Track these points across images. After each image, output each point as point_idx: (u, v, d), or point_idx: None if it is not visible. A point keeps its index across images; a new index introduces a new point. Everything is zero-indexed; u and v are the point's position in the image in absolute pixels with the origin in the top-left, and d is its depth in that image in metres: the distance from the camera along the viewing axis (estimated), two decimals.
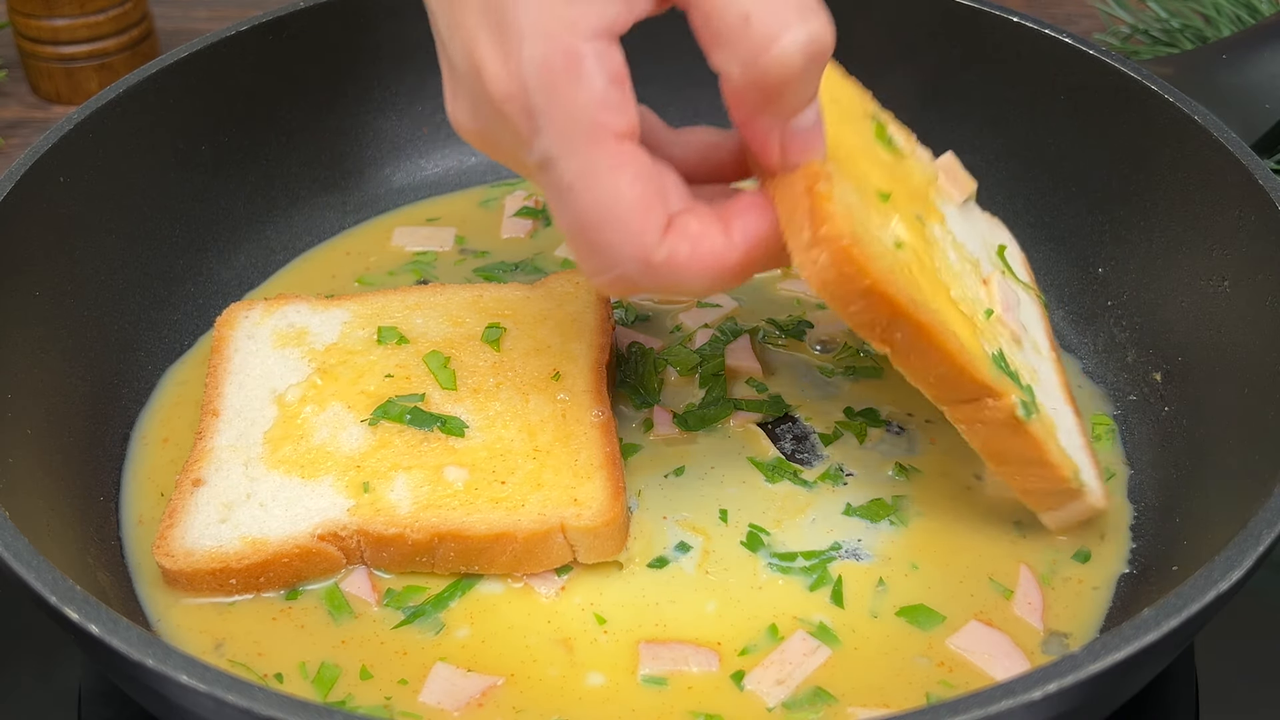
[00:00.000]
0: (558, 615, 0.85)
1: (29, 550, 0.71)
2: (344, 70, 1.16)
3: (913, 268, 0.81)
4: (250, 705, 0.63)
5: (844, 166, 0.82)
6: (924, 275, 0.82)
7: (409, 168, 1.21)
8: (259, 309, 1.02)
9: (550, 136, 0.69)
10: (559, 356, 0.97)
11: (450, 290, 1.02)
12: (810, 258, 0.75)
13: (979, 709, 0.62)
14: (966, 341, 0.81)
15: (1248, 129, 1.03)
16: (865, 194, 0.82)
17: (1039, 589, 0.87)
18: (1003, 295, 0.91)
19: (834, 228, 0.74)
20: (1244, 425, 0.87)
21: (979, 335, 0.84)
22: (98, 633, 0.67)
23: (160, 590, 0.87)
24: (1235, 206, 0.92)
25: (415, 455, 0.90)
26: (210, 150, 1.09)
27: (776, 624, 0.85)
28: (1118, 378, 1.02)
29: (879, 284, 0.75)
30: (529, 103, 0.69)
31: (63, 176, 0.96)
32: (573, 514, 0.86)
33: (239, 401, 0.95)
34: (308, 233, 1.15)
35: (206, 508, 0.88)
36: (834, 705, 0.80)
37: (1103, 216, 1.06)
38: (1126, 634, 0.66)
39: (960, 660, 0.83)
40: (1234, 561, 0.69)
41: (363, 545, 0.87)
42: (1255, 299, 0.89)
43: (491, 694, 0.81)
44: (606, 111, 0.69)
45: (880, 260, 0.76)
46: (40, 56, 1.37)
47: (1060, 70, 1.06)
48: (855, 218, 0.77)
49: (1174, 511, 0.90)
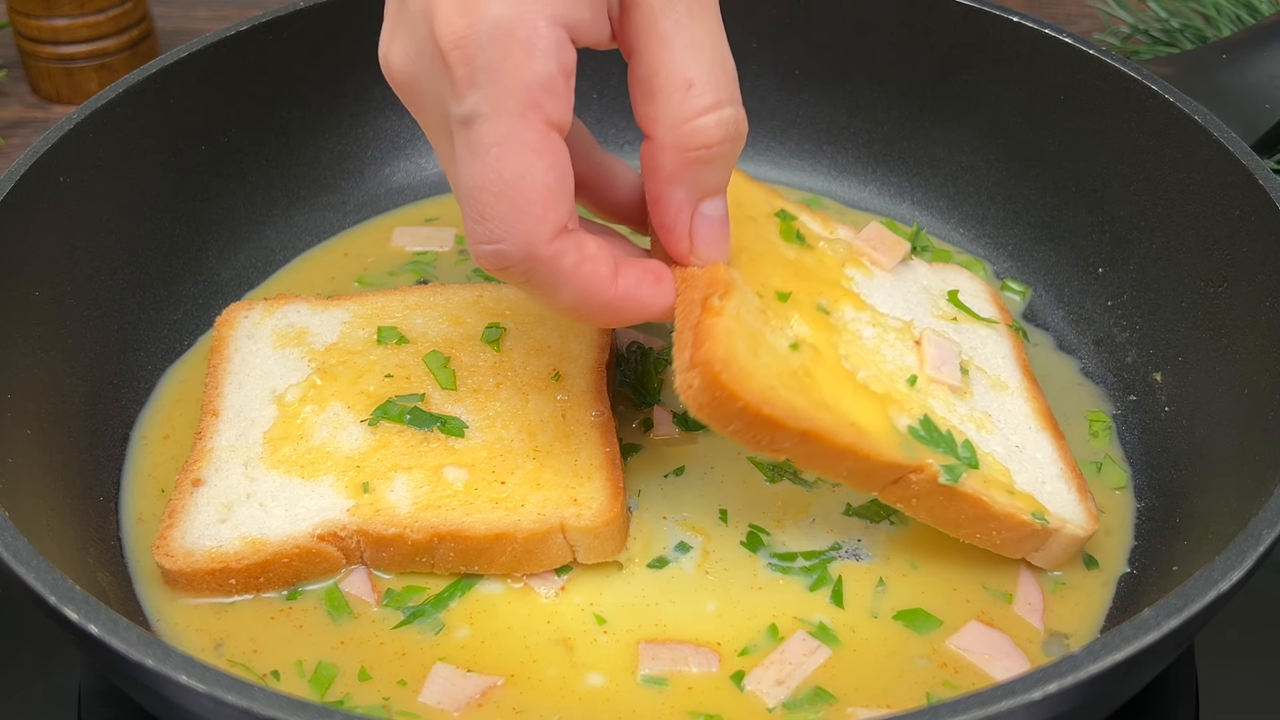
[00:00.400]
0: (557, 615, 0.85)
1: (29, 550, 0.71)
2: (344, 70, 1.16)
3: (809, 367, 0.83)
4: (249, 705, 0.63)
5: (745, 271, 0.85)
6: (823, 370, 0.84)
7: (409, 168, 1.21)
8: (259, 309, 1.02)
9: (484, 94, 0.70)
10: (559, 357, 0.97)
11: (450, 290, 1.02)
12: (687, 380, 0.78)
13: (979, 709, 0.62)
14: (870, 429, 0.82)
15: (1248, 129, 1.03)
16: (765, 297, 0.85)
17: (1039, 590, 0.86)
18: (936, 351, 0.92)
19: (710, 350, 0.77)
20: (1244, 425, 0.87)
21: (893, 411, 0.85)
22: (97, 633, 0.67)
23: (160, 590, 0.87)
24: (1235, 206, 0.92)
25: (415, 455, 0.90)
26: (210, 150, 1.09)
27: (776, 624, 0.85)
28: (1118, 378, 1.02)
29: (752, 405, 0.77)
30: (474, 55, 0.69)
31: (62, 176, 0.96)
32: (572, 514, 0.86)
33: (239, 401, 0.95)
34: (308, 233, 1.15)
35: (206, 508, 0.88)
36: (834, 705, 0.80)
37: (1103, 216, 1.06)
38: (1127, 634, 0.66)
39: (960, 660, 0.83)
40: (1234, 562, 0.69)
41: (362, 545, 0.87)
42: (1255, 299, 0.89)
43: (491, 694, 0.81)
44: (547, 95, 0.70)
45: (756, 380, 0.77)
46: (40, 56, 1.37)
47: (1060, 70, 1.06)
48: (744, 330, 0.80)
49: (1174, 511, 0.90)
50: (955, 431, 0.87)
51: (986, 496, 0.84)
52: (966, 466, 0.84)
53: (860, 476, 0.83)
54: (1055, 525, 0.85)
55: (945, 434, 0.85)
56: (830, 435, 0.80)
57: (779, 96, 1.21)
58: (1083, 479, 0.90)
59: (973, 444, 0.86)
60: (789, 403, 0.79)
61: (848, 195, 1.19)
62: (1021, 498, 0.85)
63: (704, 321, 0.79)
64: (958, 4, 1.11)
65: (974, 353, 0.96)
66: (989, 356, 0.97)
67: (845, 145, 1.20)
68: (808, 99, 1.20)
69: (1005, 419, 0.92)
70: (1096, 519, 0.87)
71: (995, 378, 0.95)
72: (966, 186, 1.15)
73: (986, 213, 1.14)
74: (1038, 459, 0.90)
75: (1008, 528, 0.85)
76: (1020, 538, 0.86)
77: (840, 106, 1.20)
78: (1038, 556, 0.87)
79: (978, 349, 0.97)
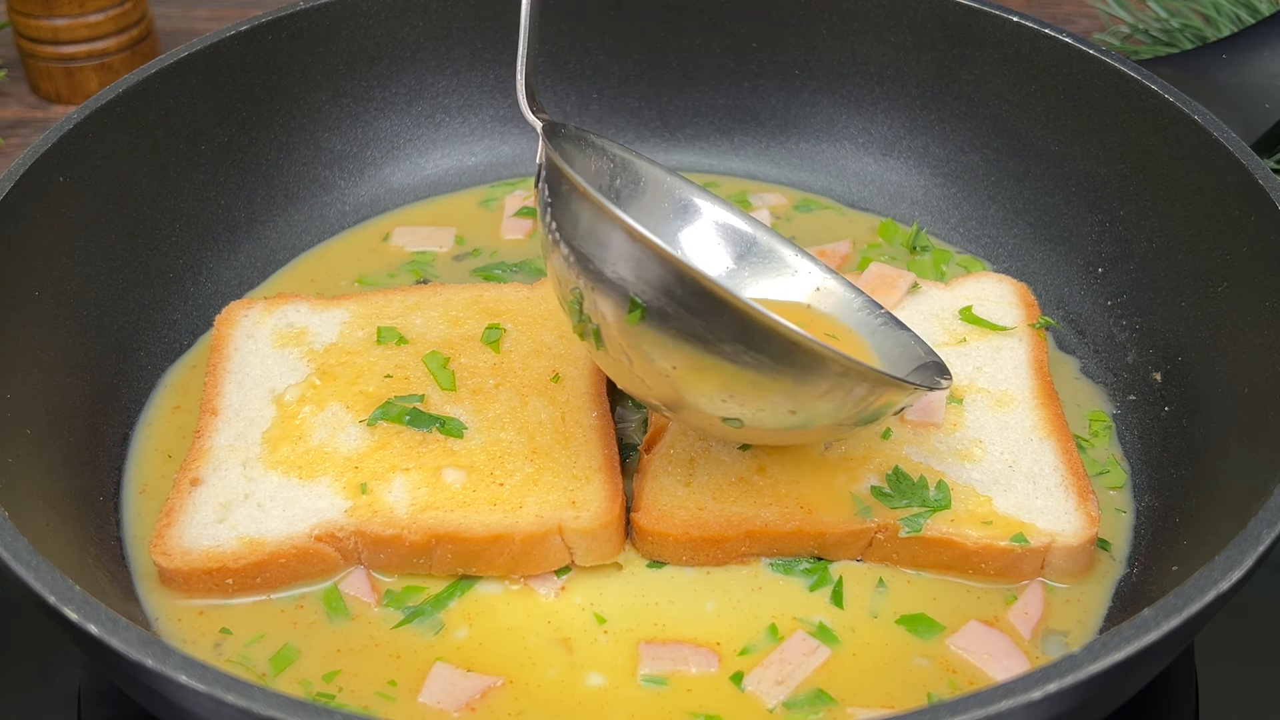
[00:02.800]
0: (557, 615, 0.85)
1: (28, 550, 0.71)
2: (344, 70, 1.16)
3: (763, 461, 0.90)
4: (249, 705, 0.63)
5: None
6: (780, 457, 0.89)
7: (408, 168, 1.21)
8: (259, 308, 1.02)
9: None
10: (558, 358, 0.97)
11: (450, 290, 1.02)
12: (634, 536, 0.88)
13: (979, 709, 0.62)
14: (821, 506, 0.87)
15: (1248, 129, 1.03)
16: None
17: (1042, 596, 0.86)
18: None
19: (635, 504, 0.88)
20: (1244, 425, 0.87)
21: (863, 471, 0.89)
22: (97, 633, 0.67)
23: (159, 590, 0.87)
24: (1235, 206, 0.92)
25: (414, 456, 0.90)
26: (210, 150, 1.09)
27: (776, 624, 0.85)
28: (1117, 378, 1.01)
29: (682, 536, 0.86)
30: None
31: (62, 176, 0.96)
32: (571, 516, 0.86)
33: (238, 401, 0.95)
34: (307, 232, 1.15)
35: (204, 507, 0.88)
36: (833, 706, 0.80)
37: (1102, 217, 1.06)
38: (1126, 634, 0.66)
39: (960, 660, 0.83)
40: (1234, 561, 0.69)
41: (360, 546, 0.87)
42: (1255, 299, 0.89)
43: (491, 695, 0.81)
44: None
45: (683, 511, 0.87)
46: (40, 56, 1.37)
47: (1060, 70, 1.06)
48: (676, 465, 0.89)
49: (1174, 511, 0.90)
50: (930, 474, 0.89)
51: (958, 536, 0.85)
52: (934, 510, 0.86)
53: (828, 549, 0.87)
54: (1041, 543, 0.86)
55: (917, 481, 0.88)
56: (775, 527, 0.86)
57: (779, 96, 1.21)
58: (1086, 482, 0.90)
59: (947, 484, 0.88)
60: (724, 515, 0.87)
61: (848, 195, 1.19)
62: (1002, 524, 0.86)
63: (635, 480, 0.90)
64: (958, 4, 1.11)
65: (979, 373, 0.97)
66: (999, 369, 0.97)
67: (845, 145, 1.20)
68: (808, 99, 1.20)
69: (1001, 437, 0.92)
70: (1096, 522, 0.87)
71: (1001, 393, 0.95)
72: (966, 186, 1.15)
73: (986, 213, 1.14)
74: (1034, 472, 0.90)
75: (990, 558, 0.86)
76: (1009, 564, 0.86)
77: (840, 106, 1.20)
78: (1048, 574, 0.87)
79: (986, 365, 0.97)
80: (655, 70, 1.22)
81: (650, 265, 0.75)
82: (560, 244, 0.80)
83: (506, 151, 1.22)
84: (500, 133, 1.22)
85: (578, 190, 0.78)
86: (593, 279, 0.78)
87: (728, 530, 0.86)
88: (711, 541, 0.86)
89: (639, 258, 0.75)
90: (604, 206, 0.76)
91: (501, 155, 1.22)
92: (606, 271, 0.77)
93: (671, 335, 0.76)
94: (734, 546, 0.87)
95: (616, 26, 1.19)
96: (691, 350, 0.76)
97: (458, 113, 1.21)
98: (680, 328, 0.75)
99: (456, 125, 1.22)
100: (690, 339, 0.76)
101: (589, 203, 0.77)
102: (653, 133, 1.23)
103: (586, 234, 0.78)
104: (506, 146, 1.22)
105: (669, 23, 1.19)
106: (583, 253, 0.78)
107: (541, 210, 0.82)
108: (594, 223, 0.77)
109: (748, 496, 0.87)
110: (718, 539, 0.86)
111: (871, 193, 1.19)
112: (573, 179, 0.78)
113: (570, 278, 0.80)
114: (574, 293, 0.80)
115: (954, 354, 0.98)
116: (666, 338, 0.76)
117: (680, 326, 0.75)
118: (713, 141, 1.23)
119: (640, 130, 1.23)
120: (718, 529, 0.86)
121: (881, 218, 1.16)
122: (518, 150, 1.22)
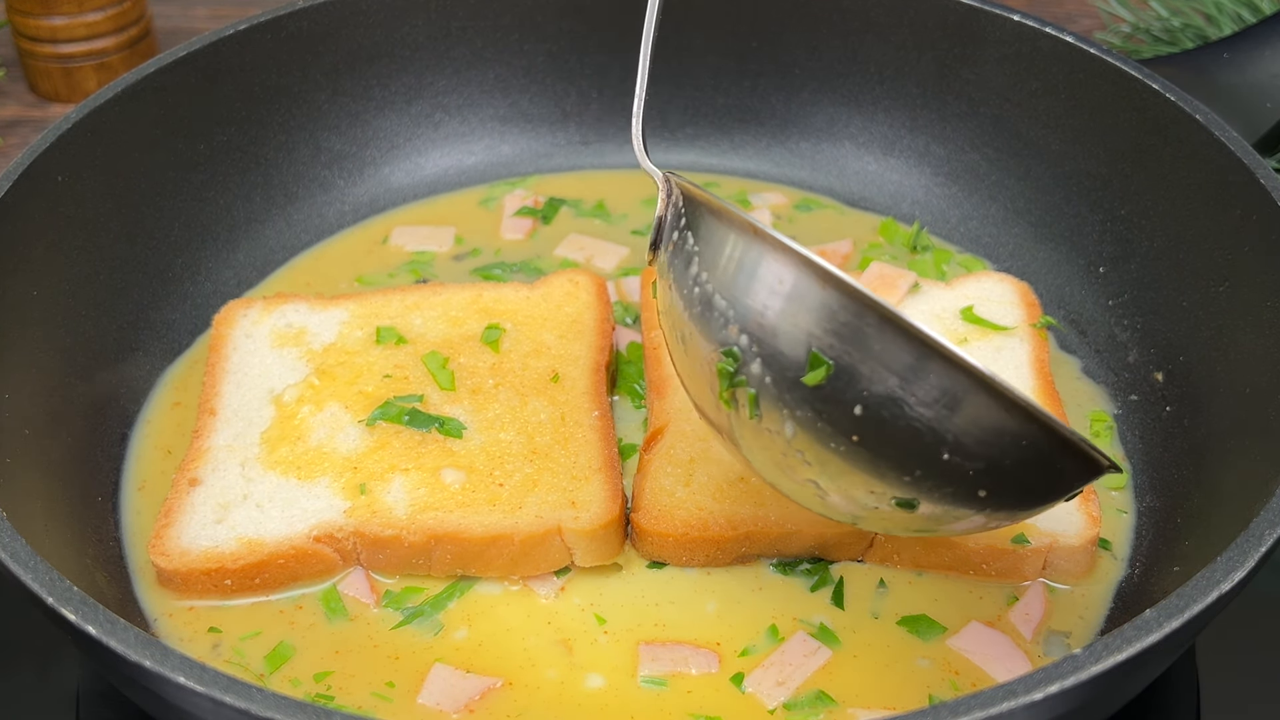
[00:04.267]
0: (557, 616, 0.85)
1: (27, 551, 0.71)
2: (343, 70, 1.16)
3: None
4: (248, 706, 0.63)
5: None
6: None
7: (408, 167, 1.20)
8: (258, 307, 1.01)
9: None
10: (558, 358, 0.96)
11: (449, 290, 1.02)
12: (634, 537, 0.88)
13: (980, 710, 0.62)
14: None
15: (1249, 128, 1.03)
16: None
17: (1043, 597, 0.86)
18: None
19: (635, 505, 0.88)
20: (1245, 425, 0.87)
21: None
22: (95, 634, 0.67)
23: (158, 591, 0.87)
24: (1237, 206, 0.92)
25: (413, 457, 0.89)
26: (208, 150, 1.09)
27: (777, 625, 0.85)
28: (1119, 377, 1.01)
29: (681, 536, 0.86)
30: None
31: (61, 176, 0.96)
32: (570, 516, 0.86)
33: (236, 401, 0.95)
34: (306, 232, 1.15)
35: (202, 508, 0.88)
36: (834, 707, 0.80)
37: (1103, 216, 1.06)
38: (1128, 634, 0.65)
39: (961, 661, 0.83)
40: (1236, 562, 0.69)
41: (359, 547, 0.86)
42: (1257, 299, 0.89)
43: (490, 696, 0.81)
44: None
45: (682, 510, 0.86)
46: (38, 55, 1.37)
47: (1061, 69, 1.06)
48: (675, 466, 0.89)
49: (1175, 512, 0.89)
50: None
51: (959, 536, 0.85)
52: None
53: (829, 549, 0.87)
54: (1042, 544, 0.85)
55: None
56: (776, 527, 0.85)
57: (779, 96, 1.21)
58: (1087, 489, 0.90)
59: None
60: (724, 515, 0.86)
61: (848, 194, 1.19)
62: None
63: (635, 480, 0.90)
64: (959, 3, 1.10)
65: None
66: (1000, 369, 0.97)
67: (846, 144, 1.20)
68: (808, 99, 1.20)
69: None
70: (1097, 522, 0.87)
71: None
72: (967, 185, 1.15)
73: (987, 212, 1.14)
74: None
75: (991, 558, 0.86)
76: (1011, 565, 0.86)
77: (840, 106, 1.20)
78: (1050, 575, 0.87)
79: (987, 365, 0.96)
80: (655, 70, 1.21)
81: (842, 311, 0.65)
82: (715, 295, 0.70)
83: (506, 151, 1.22)
84: (500, 132, 1.22)
85: (748, 231, 0.69)
86: (759, 333, 0.68)
87: (727, 531, 0.86)
88: (711, 542, 0.86)
89: (829, 305, 0.66)
90: (788, 247, 0.67)
91: (501, 155, 1.22)
92: (784, 323, 0.67)
93: (862, 396, 0.66)
94: (734, 547, 0.87)
95: (616, 26, 1.19)
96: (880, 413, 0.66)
97: (457, 112, 1.21)
98: (874, 389, 0.66)
99: (456, 125, 1.21)
100: (884, 402, 0.66)
101: (762, 243, 0.68)
102: (653, 132, 1.22)
103: (755, 280, 0.68)
104: (506, 146, 1.22)
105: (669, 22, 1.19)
106: (747, 304, 0.69)
107: (676, 262, 0.73)
108: (770, 264, 0.68)
109: (748, 497, 0.87)
110: (718, 539, 0.86)
111: (872, 192, 1.19)
112: (744, 218, 0.69)
113: (725, 334, 0.70)
114: (727, 353, 0.70)
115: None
116: (854, 399, 0.66)
117: (875, 388, 0.66)
118: (713, 141, 1.23)
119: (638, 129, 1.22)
120: (718, 529, 0.86)
121: (882, 217, 1.16)
122: (517, 150, 1.22)
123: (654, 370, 0.96)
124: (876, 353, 0.65)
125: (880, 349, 0.65)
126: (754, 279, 0.68)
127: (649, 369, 0.97)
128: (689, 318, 0.72)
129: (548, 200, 1.17)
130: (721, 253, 0.70)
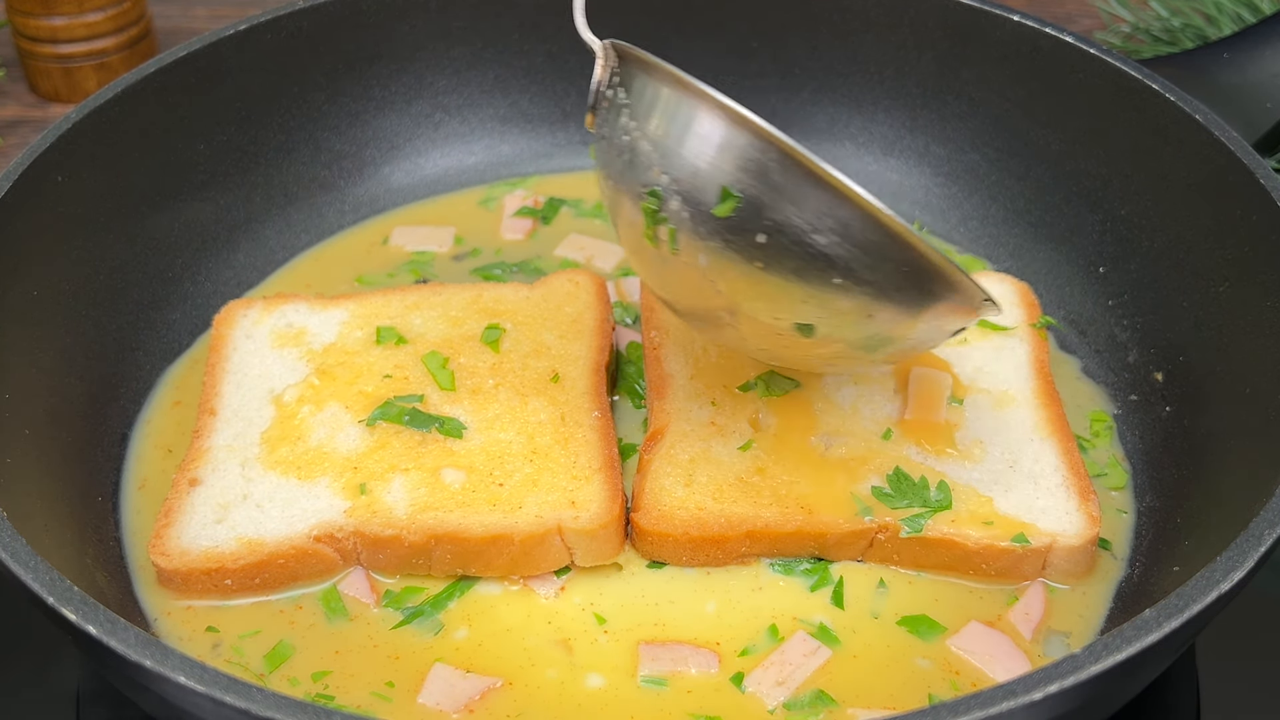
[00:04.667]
0: (557, 616, 0.85)
1: (27, 551, 0.71)
2: (344, 70, 1.16)
3: (762, 462, 0.89)
4: (248, 706, 0.63)
5: (711, 374, 0.94)
6: (780, 457, 0.89)
7: (408, 167, 1.20)
8: (258, 307, 1.01)
9: None
10: (558, 357, 0.96)
11: (449, 290, 1.02)
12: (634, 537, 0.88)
13: (980, 710, 0.62)
14: (823, 506, 0.87)
15: (1249, 128, 1.03)
16: (721, 403, 0.92)
17: (1043, 597, 0.86)
18: (920, 391, 0.93)
19: (635, 505, 0.88)
20: (1246, 425, 0.87)
21: (863, 472, 0.88)
22: (96, 633, 0.67)
23: (158, 591, 0.87)
24: (1237, 206, 0.92)
25: (413, 457, 0.89)
26: (208, 149, 1.09)
27: (777, 625, 0.85)
28: (1119, 377, 1.01)
29: (682, 535, 0.86)
30: None
31: (60, 176, 0.96)
32: (570, 516, 0.86)
33: (236, 401, 0.95)
34: (306, 232, 1.15)
35: (203, 508, 0.88)
36: (834, 707, 0.80)
37: (1103, 216, 1.06)
38: (1128, 634, 0.65)
39: (961, 661, 0.83)
40: (1236, 562, 0.69)
41: (359, 547, 0.86)
42: (1257, 298, 0.89)
43: (490, 696, 0.81)
44: None
45: (683, 511, 0.87)
46: (38, 55, 1.37)
47: (1061, 69, 1.06)
48: (676, 466, 0.89)
49: (1175, 512, 0.89)
50: (931, 474, 0.88)
51: (959, 536, 0.85)
52: (935, 511, 0.86)
53: (829, 549, 0.87)
54: (1042, 544, 0.85)
55: (918, 481, 0.88)
56: (776, 527, 0.85)
57: (779, 96, 1.20)
58: (1088, 482, 0.90)
59: (948, 484, 0.88)
60: (724, 515, 0.86)
61: None
62: (1003, 524, 0.86)
63: (635, 480, 0.90)
64: (959, 3, 1.10)
65: (980, 373, 0.96)
66: (1000, 369, 0.97)
67: (846, 145, 1.20)
68: (808, 99, 1.20)
69: (1002, 438, 0.92)
70: (1097, 522, 0.87)
71: (1001, 393, 0.95)
72: (967, 186, 1.15)
73: (986, 212, 1.14)
74: (1035, 472, 0.90)
75: (991, 558, 0.86)
76: (1010, 565, 0.86)
77: (840, 106, 1.20)
78: (1049, 575, 0.87)
79: (987, 365, 0.97)
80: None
81: (751, 150, 0.72)
82: (642, 139, 0.77)
83: (506, 151, 1.22)
84: (500, 132, 1.22)
85: (671, 78, 0.75)
86: (678, 172, 0.75)
87: (728, 531, 0.86)
88: (711, 542, 0.86)
89: (740, 145, 0.73)
90: (703, 91, 0.74)
91: (501, 155, 1.22)
92: (700, 162, 0.74)
93: (765, 226, 0.73)
94: (734, 547, 0.87)
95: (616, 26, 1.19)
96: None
97: (457, 112, 1.21)
98: (776, 218, 0.73)
99: (456, 125, 1.21)
100: (784, 230, 0.73)
101: (681, 89, 0.75)
102: None
103: (675, 125, 0.75)
104: (506, 146, 1.22)
105: (668, 22, 1.19)
106: (667, 146, 0.75)
107: (609, 117, 0.80)
108: (688, 110, 0.75)
109: (748, 497, 0.87)
110: (718, 539, 0.86)
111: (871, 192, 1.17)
112: (666, 67, 0.75)
113: (649, 176, 0.76)
114: (651, 194, 0.77)
115: (955, 354, 0.98)
116: (758, 228, 0.74)
117: (776, 217, 0.73)
118: None
119: None
120: (718, 529, 0.86)
121: None
122: (517, 149, 1.22)
123: (654, 370, 0.96)
124: (778, 185, 0.73)
125: (782, 183, 0.73)
126: (675, 124, 0.75)
127: (649, 369, 0.97)
128: (620, 165, 0.79)
129: (548, 200, 1.17)
130: (649, 103, 0.77)
